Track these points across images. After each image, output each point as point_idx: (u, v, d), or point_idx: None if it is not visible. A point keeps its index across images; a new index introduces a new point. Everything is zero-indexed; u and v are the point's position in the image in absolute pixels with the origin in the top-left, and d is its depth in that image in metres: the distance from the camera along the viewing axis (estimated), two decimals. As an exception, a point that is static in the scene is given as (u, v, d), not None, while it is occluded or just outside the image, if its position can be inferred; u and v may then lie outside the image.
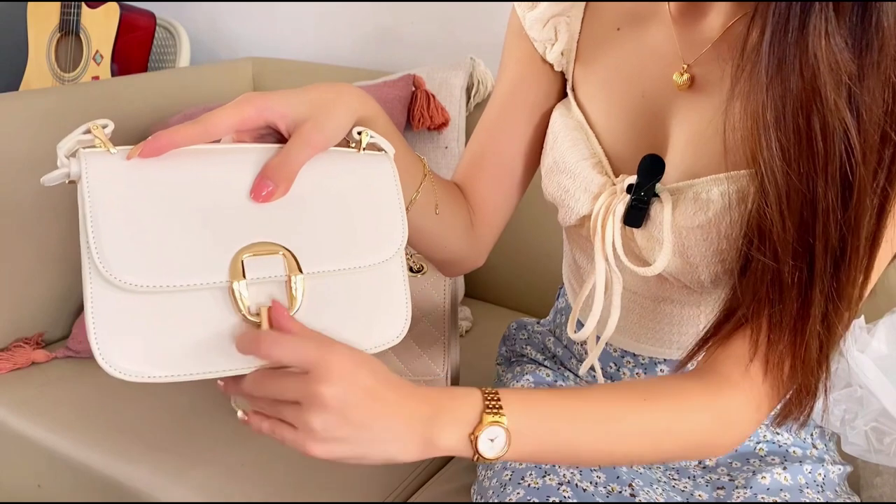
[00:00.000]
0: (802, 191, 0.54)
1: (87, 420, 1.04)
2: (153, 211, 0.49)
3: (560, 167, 0.71)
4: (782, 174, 0.54)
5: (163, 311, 0.49)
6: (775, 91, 0.53)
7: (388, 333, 0.56)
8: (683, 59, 0.65)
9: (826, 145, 0.53)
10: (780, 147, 0.54)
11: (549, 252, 0.91)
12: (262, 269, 0.50)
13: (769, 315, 0.57)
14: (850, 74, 0.52)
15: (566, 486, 0.65)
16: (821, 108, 0.52)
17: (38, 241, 1.21)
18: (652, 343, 0.73)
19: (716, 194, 0.61)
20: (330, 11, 1.70)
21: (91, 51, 1.73)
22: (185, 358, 0.49)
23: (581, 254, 0.77)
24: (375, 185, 0.57)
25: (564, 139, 0.71)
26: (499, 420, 0.51)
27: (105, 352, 0.48)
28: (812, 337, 0.56)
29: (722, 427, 0.59)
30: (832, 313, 0.56)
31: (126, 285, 0.47)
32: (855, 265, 0.55)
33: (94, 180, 0.49)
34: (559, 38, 0.74)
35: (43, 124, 1.22)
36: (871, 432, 0.72)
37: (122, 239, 0.48)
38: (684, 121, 0.65)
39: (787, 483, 0.70)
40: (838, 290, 0.55)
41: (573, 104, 0.73)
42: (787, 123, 0.53)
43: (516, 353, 0.92)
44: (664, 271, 0.65)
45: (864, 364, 0.73)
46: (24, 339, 1.21)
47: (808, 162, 0.53)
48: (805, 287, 0.55)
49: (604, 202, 0.67)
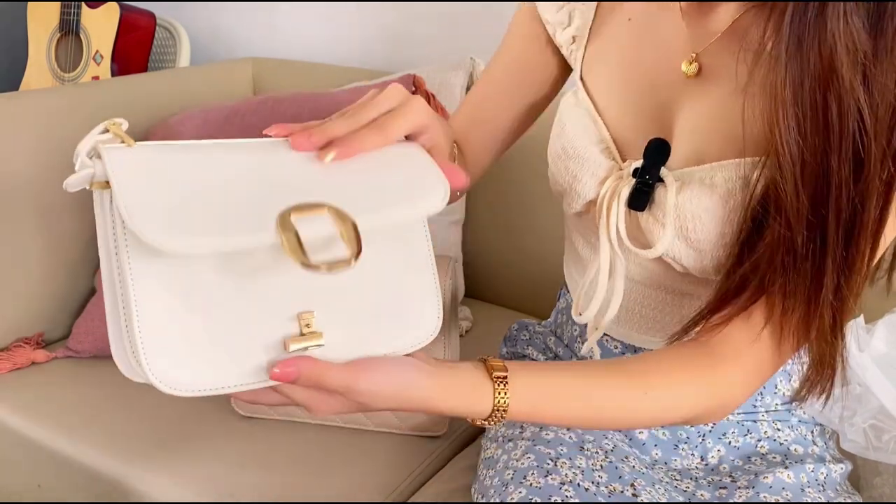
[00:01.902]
0: (816, 165, 0.56)
1: (87, 420, 1.04)
2: (187, 190, 0.49)
3: (569, 153, 0.72)
4: (797, 148, 0.56)
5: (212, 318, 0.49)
6: (794, 68, 0.55)
7: (419, 334, 0.57)
8: (692, 49, 0.67)
9: (841, 122, 0.55)
10: (797, 122, 0.56)
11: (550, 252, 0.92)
12: (310, 224, 0.49)
13: (783, 284, 0.59)
14: (866, 55, 0.54)
15: (568, 485, 0.65)
16: (837, 86, 0.54)
17: (38, 240, 1.21)
18: (654, 334, 0.74)
19: (720, 180, 0.62)
20: (330, 11, 1.70)
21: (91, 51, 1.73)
22: (234, 366, 0.50)
23: (584, 243, 0.78)
24: (410, 154, 0.58)
25: (574, 126, 0.73)
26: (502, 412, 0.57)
27: (155, 367, 0.47)
28: (825, 307, 0.59)
29: (715, 402, 0.63)
30: (843, 285, 0.58)
31: (179, 248, 0.46)
32: (864, 237, 0.57)
33: (119, 172, 0.48)
34: (572, 24, 0.77)
35: (43, 124, 1.22)
36: (870, 430, 0.73)
37: (162, 217, 0.47)
38: (691, 109, 0.67)
39: (789, 481, 0.70)
40: (849, 261, 0.58)
41: (581, 91, 0.75)
42: (804, 99, 0.56)
43: (517, 353, 0.92)
44: (667, 256, 0.67)
45: (864, 362, 0.73)
46: (24, 339, 1.21)
47: (824, 137, 0.56)
48: (818, 257, 0.58)
49: (610, 186, 0.68)
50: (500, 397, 0.56)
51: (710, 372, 0.62)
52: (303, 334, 0.51)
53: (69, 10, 1.71)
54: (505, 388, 0.56)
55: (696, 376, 0.62)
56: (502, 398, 0.56)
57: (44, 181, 1.19)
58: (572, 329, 0.83)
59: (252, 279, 0.50)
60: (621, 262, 0.70)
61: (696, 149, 0.66)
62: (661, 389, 0.61)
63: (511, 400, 0.56)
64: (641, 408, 0.61)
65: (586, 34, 0.76)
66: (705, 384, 0.62)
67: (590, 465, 0.68)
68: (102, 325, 1.17)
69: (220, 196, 0.49)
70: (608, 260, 0.70)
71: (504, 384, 0.56)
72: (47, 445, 1.03)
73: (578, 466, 0.68)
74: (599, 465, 0.69)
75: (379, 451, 0.98)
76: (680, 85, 0.68)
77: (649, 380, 0.61)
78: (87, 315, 1.20)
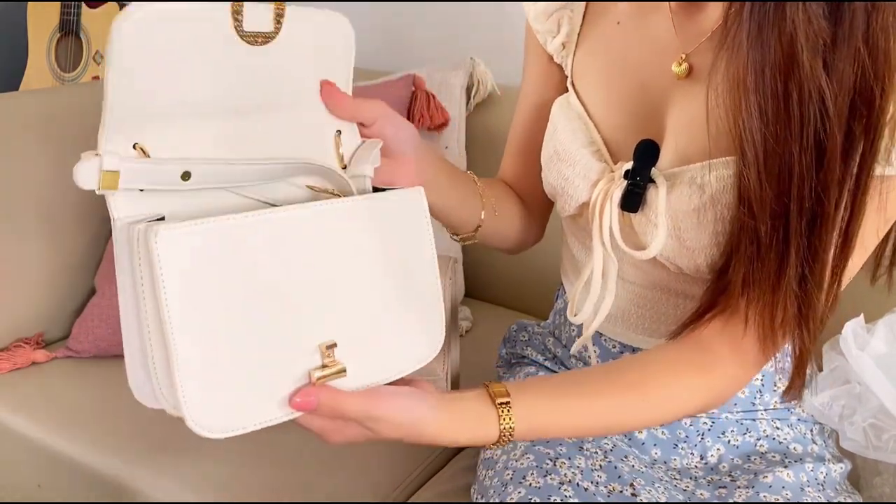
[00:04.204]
0: (779, 153, 0.56)
1: (87, 420, 1.04)
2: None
3: (560, 156, 0.73)
4: (760, 136, 0.56)
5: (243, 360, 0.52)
6: (755, 56, 0.56)
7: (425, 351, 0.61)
8: (682, 49, 0.67)
9: (801, 109, 0.55)
10: (759, 110, 0.56)
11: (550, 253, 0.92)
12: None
13: (748, 273, 0.60)
14: (825, 42, 0.54)
15: (567, 485, 0.65)
16: (798, 73, 0.54)
17: (38, 241, 1.21)
18: (651, 334, 0.74)
19: (712, 178, 0.62)
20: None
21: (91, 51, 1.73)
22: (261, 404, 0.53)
23: (578, 245, 0.79)
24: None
25: (564, 129, 0.74)
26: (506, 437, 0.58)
27: (195, 415, 0.50)
28: (789, 296, 0.59)
29: (712, 395, 0.65)
30: (808, 275, 0.58)
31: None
32: (827, 228, 0.57)
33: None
34: (560, 31, 0.77)
35: (43, 124, 1.22)
36: (870, 429, 0.73)
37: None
38: (682, 108, 0.67)
39: (789, 481, 0.70)
40: (812, 251, 0.58)
41: (572, 95, 0.76)
42: (766, 87, 0.56)
43: (517, 354, 0.92)
44: (662, 256, 0.67)
45: (864, 362, 0.73)
46: (24, 339, 1.21)
47: (785, 126, 0.56)
48: (781, 246, 0.58)
49: (602, 188, 0.69)
50: (505, 423, 0.58)
51: (706, 369, 0.63)
52: (325, 365, 0.54)
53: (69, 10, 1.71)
54: (509, 414, 0.58)
55: (691, 375, 0.63)
56: (508, 424, 0.58)
57: (44, 181, 1.19)
58: (570, 330, 0.83)
59: (277, 317, 0.53)
60: (614, 263, 0.70)
61: (687, 148, 0.66)
62: (658, 392, 0.63)
63: (516, 424, 0.58)
64: (641, 412, 0.63)
65: (574, 40, 0.76)
66: (702, 381, 0.63)
67: (589, 464, 0.68)
68: (102, 325, 1.18)
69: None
70: (601, 262, 0.70)
71: (508, 409, 0.58)
72: (47, 445, 1.03)
73: (578, 466, 0.68)
74: (598, 465, 0.69)
75: (379, 451, 0.98)
76: (671, 86, 0.68)
77: (647, 386, 0.62)
78: (87, 315, 1.20)
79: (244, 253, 0.51)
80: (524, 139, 0.85)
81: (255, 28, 0.54)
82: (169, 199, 0.52)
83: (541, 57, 0.81)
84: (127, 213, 0.51)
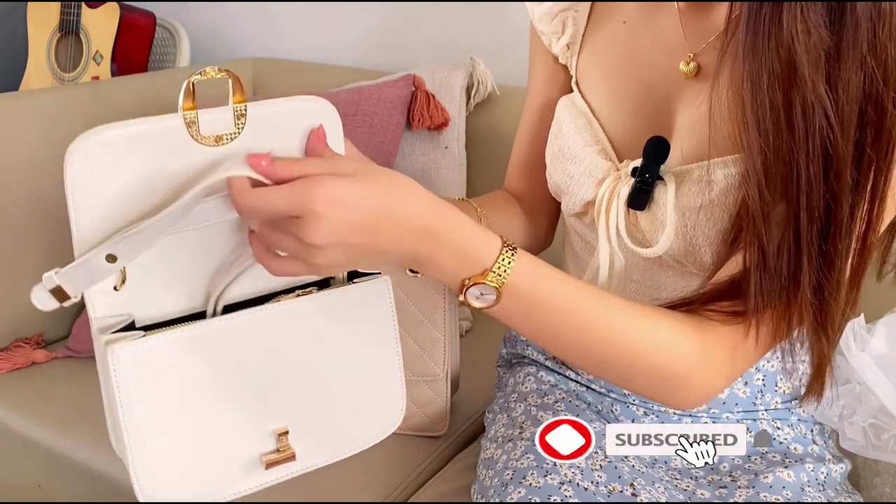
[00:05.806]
0: (783, 163, 0.55)
1: (87, 420, 1.04)
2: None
3: (565, 154, 0.73)
4: (758, 148, 0.55)
5: (196, 440, 0.55)
6: (751, 67, 0.55)
7: (385, 424, 0.65)
8: (690, 49, 0.67)
9: (805, 120, 0.54)
10: (756, 120, 0.55)
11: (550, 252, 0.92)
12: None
13: (757, 281, 0.58)
14: (828, 53, 0.53)
15: (567, 485, 0.65)
16: (800, 84, 0.53)
17: (38, 240, 1.21)
18: None
19: (719, 176, 0.62)
20: (330, 12, 1.70)
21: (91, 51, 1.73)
22: (210, 483, 0.56)
23: (582, 244, 0.78)
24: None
25: (569, 127, 0.74)
26: (497, 283, 0.55)
27: (144, 483, 0.54)
28: (805, 306, 0.57)
29: (701, 367, 0.60)
30: (824, 284, 0.57)
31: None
32: (840, 236, 0.56)
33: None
34: (565, 32, 0.77)
35: (43, 124, 1.22)
36: (870, 428, 0.73)
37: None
38: (690, 107, 0.67)
39: (789, 481, 0.70)
40: (826, 260, 0.57)
41: (577, 95, 0.76)
42: (762, 99, 0.54)
43: (517, 354, 0.92)
44: (668, 254, 0.66)
45: (864, 362, 0.73)
46: (24, 339, 1.21)
47: (789, 136, 0.54)
48: (793, 256, 0.57)
49: (609, 186, 0.68)
50: (503, 261, 0.54)
51: (707, 340, 0.60)
52: (279, 450, 0.58)
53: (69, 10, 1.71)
54: (512, 255, 0.54)
55: (694, 331, 0.60)
56: (506, 261, 0.54)
57: (44, 181, 1.19)
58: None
59: (231, 408, 0.56)
60: (620, 261, 0.70)
61: (695, 146, 0.66)
62: (659, 320, 0.59)
63: (514, 266, 0.54)
64: (635, 330, 0.59)
65: (579, 40, 0.76)
66: (700, 342, 0.60)
67: (589, 464, 0.68)
68: (102, 325, 1.18)
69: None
70: (608, 260, 0.70)
71: (512, 251, 0.55)
72: (47, 445, 1.03)
73: (577, 466, 0.68)
74: (599, 465, 0.69)
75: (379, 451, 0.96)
76: (678, 85, 0.68)
77: (650, 310, 0.60)
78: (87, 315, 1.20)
79: (204, 355, 0.54)
80: (531, 140, 0.85)
81: (213, 132, 0.54)
82: (135, 269, 0.54)
83: (546, 58, 0.81)
84: (102, 312, 0.55)
